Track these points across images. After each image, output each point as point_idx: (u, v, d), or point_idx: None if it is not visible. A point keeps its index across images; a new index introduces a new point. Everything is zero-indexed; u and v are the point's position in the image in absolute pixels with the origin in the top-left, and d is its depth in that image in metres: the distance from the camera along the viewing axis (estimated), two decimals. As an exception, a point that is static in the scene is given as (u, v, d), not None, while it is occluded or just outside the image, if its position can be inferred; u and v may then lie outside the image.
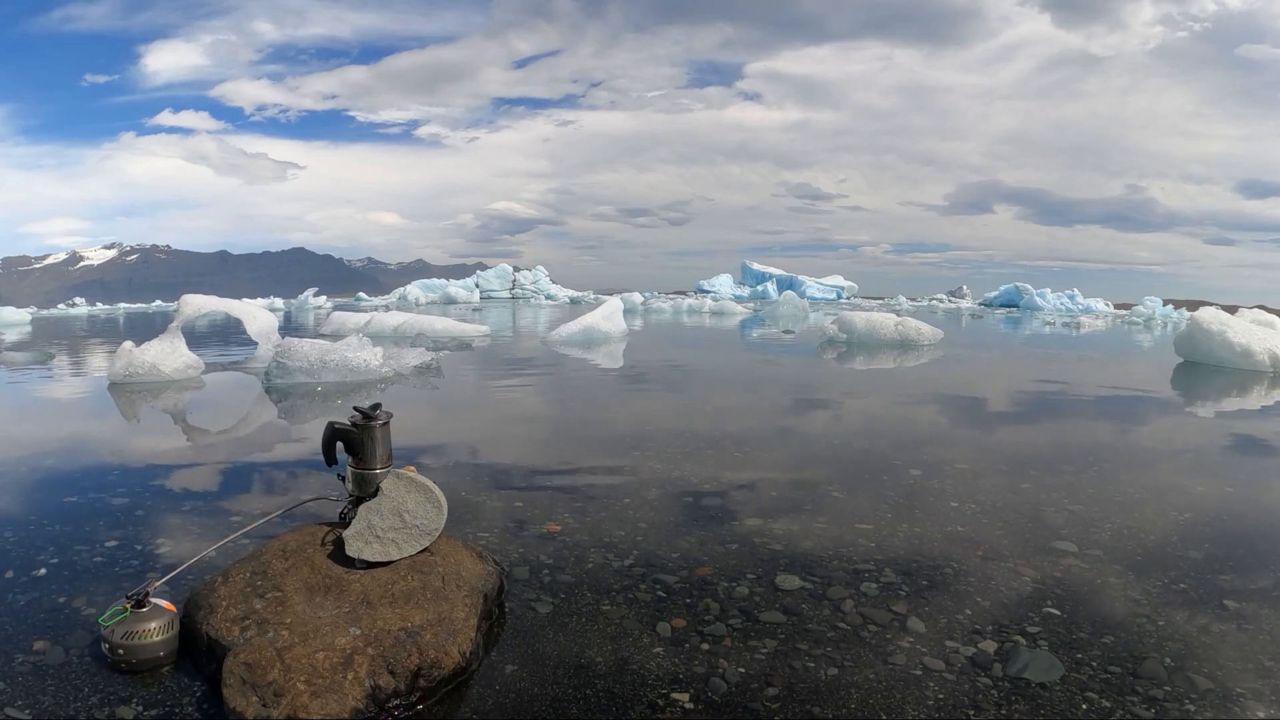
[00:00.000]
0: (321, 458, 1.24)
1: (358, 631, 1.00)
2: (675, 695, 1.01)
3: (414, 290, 33.82)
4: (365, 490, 1.25)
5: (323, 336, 6.19)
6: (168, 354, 4.35)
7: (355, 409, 1.14)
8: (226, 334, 8.63)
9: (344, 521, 1.30)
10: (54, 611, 1.21)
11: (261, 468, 1.84)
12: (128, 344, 4.36)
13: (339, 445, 1.23)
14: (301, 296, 26.01)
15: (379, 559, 1.18)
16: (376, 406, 1.15)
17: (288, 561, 1.18)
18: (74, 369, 5.68)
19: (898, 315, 8.39)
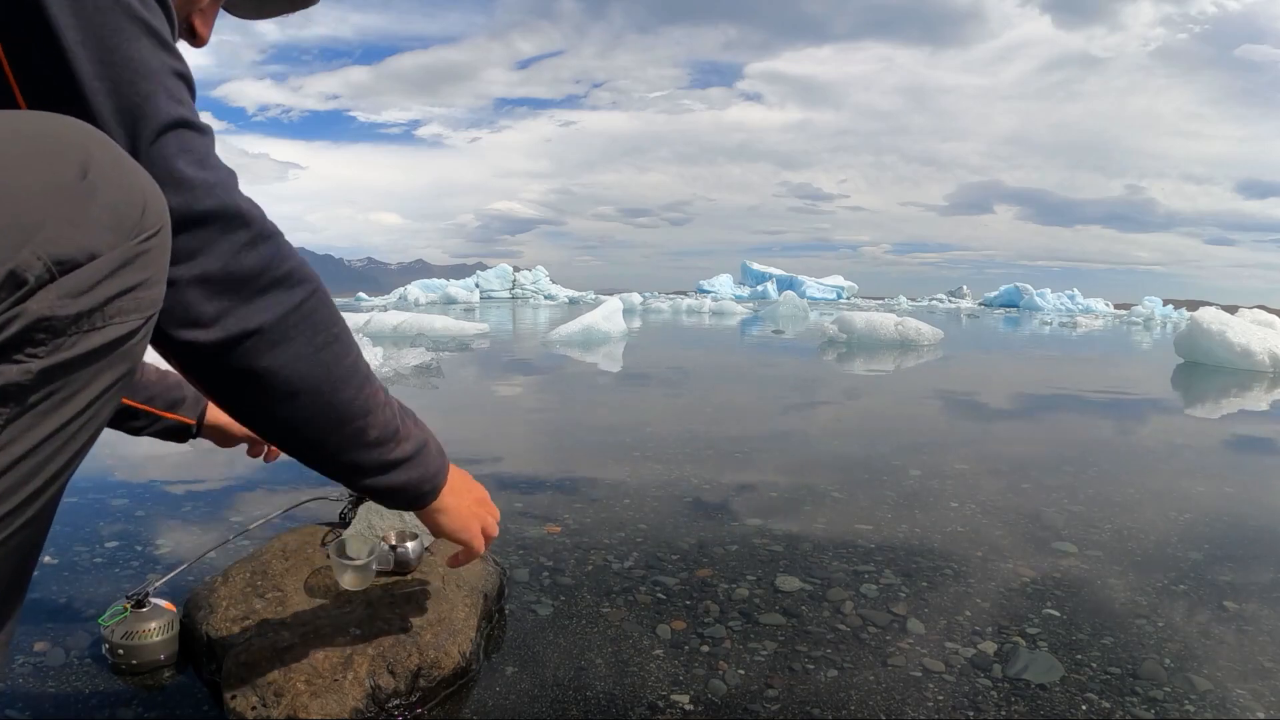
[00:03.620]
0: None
1: (357, 631, 1.00)
2: (675, 697, 1.01)
3: (414, 290, 33.87)
4: (365, 491, 1.24)
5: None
6: (168, 354, 4.35)
7: (355, 410, 1.14)
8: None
9: (344, 522, 1.31)
10: (54, 612, 1.21)
11: (262, 468, 1.84)
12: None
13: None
14: (301, 296, 25.97)
15: (379, 560, 1.17)
16: (377, 407, 1.14)
17: (288, 561, 1.18)
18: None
19: (897, 315, 8.40)
